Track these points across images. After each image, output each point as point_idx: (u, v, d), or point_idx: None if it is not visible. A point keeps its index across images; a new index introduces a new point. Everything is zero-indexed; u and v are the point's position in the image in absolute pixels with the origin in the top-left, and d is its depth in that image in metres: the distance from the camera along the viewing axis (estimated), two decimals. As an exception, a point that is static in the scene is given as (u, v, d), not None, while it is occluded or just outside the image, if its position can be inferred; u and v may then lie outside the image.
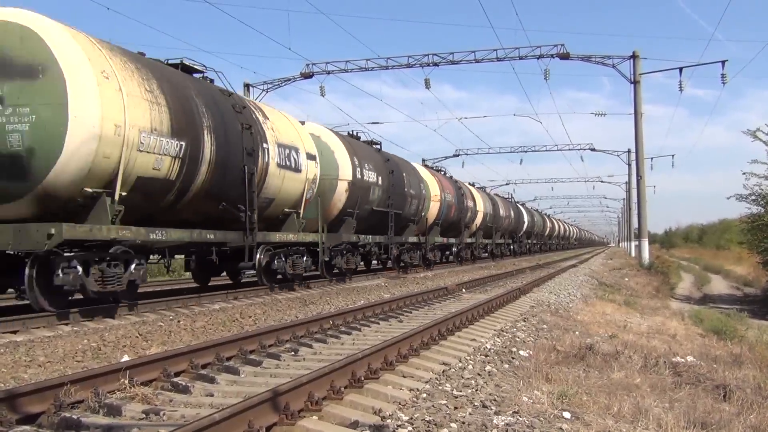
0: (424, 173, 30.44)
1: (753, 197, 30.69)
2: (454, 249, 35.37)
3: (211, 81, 15.34)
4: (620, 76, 32.64)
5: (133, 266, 11.80)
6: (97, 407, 5.54)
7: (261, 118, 16.04)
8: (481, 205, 40.60)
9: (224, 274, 18.53)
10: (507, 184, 79.73)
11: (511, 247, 52.94)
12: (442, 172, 36.14)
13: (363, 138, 24.70)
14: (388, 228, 23.97)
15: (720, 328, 15.65)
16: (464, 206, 35.83)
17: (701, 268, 61.50)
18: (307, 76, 35.06)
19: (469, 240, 37.98)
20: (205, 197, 13.66)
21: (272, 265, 16.22)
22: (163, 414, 5.37)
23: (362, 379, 6.35)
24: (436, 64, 33.78)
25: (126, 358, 7.84)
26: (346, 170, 20.58)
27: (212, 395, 6.15)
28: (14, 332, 9.76)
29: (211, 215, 14.31)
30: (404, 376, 6.92)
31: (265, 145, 15.57)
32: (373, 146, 25.06)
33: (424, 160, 47.31)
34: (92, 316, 11.20)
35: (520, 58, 32.56)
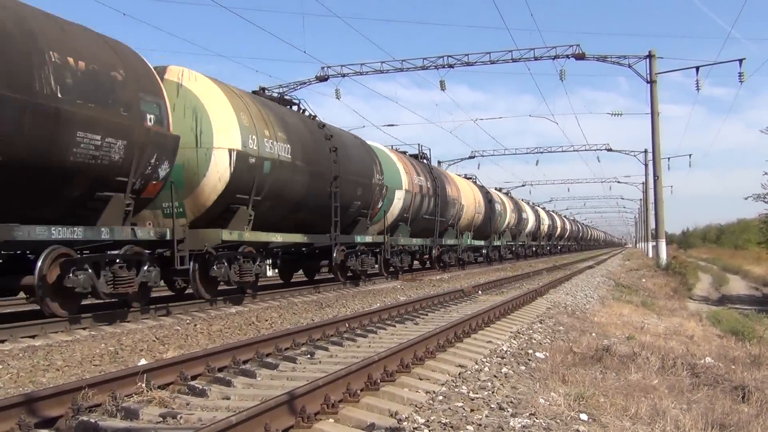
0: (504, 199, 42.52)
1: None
2: (514, 248, 46.79)
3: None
4: (637, 76, 32.48)
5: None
6: (115, 411, 5.57)
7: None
8: (533, 219, 54.19)
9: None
10: (523, 186, 79.49)
11: (546, 248, 64.47)
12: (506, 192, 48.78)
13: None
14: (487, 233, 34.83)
15: (738, 329, 15.54)
16: (521, 218, 48.96)
17: (719, 269, 61.04)
18: (323, 79, 35.11)
19: (521, 242, 49.85)
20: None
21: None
22: (180, 417, 5.39)
23: (378, 381, 6.36)
24: (451, 66, 33.72)
25: (143, 361, 7.88)
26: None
27: (229, 398, 6.18)
28: (33, 337, 9.85)
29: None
30: (420, 379, 6.92)
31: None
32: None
33: (439, 162, 48.16)
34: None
35: (536, 58, 32.48)
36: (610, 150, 55.82)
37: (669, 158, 48.82)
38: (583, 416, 5.72)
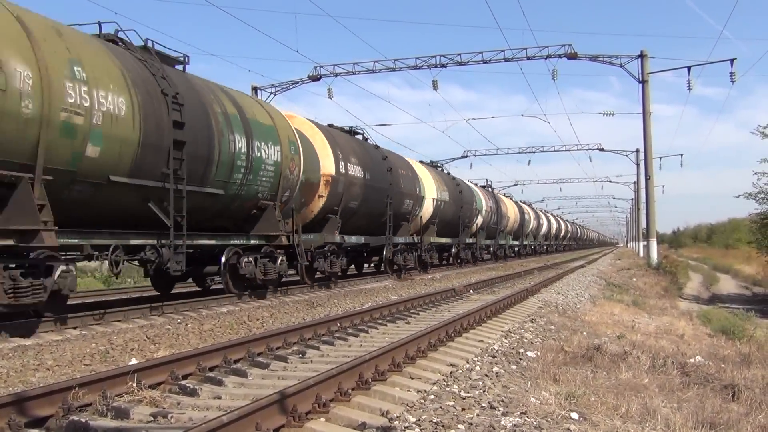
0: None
1: (762, 195, 30.60)
2: (534, 246, 59.78)
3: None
4: (629, 75, 32.55)
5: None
6: (105, 410, 5.55)
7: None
8: (545, 223, 67.02)
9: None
10: (515, 185, 79.72)
11: (553, 246, 74.90)
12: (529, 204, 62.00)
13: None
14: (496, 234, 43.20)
15: (728, 328, 15.61)
16: (540, 224, 62.68)
17: (710, 268, 61.36)
18: (315, 78, 35.05)
19: (538, 242, 63.29)
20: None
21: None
22: (171, 417, 5.38)
23: (369, 380, 6.36)
24: (443, 65, 33.71)
25: (134, 361, 7.85)
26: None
27: (220, 398, 6.17)
28: (23, 336, 9.80)
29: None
30: (412, 378, 6.92)
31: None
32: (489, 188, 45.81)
33: (432, 161, 48.30)
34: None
35: (528, 58, 32.50)
36: (601, 150, 55.99)
37: (660, 158, 49.02)
38: (574, 415, 5.73)
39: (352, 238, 20.93)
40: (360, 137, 23.92)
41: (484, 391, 6.38)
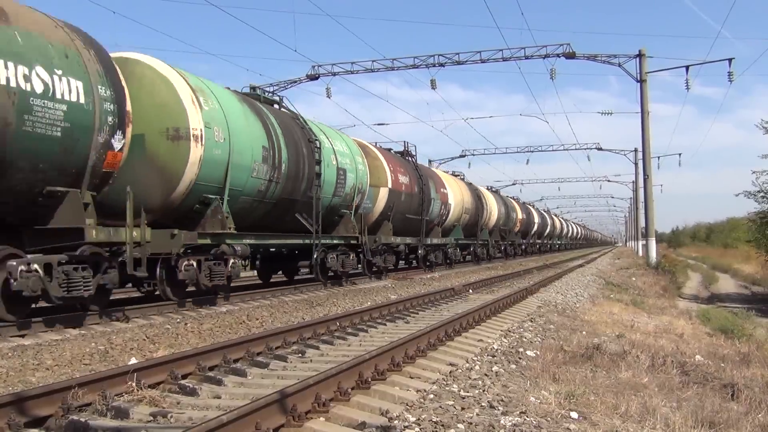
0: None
1: (762, 194, 30.58)
2: (539, 246, 63.73)
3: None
4: (627, 75, 32.48)
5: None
6: (105, 410, 5.55)
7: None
8: (550, 224, 70.68)
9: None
10: (513, 184, 79.68)
11: (557, 245, 79.45)
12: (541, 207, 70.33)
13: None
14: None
15: (728, 327, 15.62)
16: (545, 224, 67.48)
17: (709, 267, 61.28)
18: (313, 77, 35.01)
19: (538, 241, 65.55)
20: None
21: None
22: (171, 416, 5.38)
23: (369, 380, 6.35)
24: (441, 65, 33.67)
25: (133, 360, 7.85)
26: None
27: (219, 397, 6.16)
28: (22, 336, 9.80)
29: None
30: (411, 377, 6.92)
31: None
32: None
33: (430, 162, 48.54)
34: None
35: (526, 57, 32.46)
36: (600, 149, 56.00)
37: (659, 157, 48.93)
38: (574, 414, 5.73)
39: (398, 239, 24.72)
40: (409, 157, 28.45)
41: (483, 391, 6.39)
